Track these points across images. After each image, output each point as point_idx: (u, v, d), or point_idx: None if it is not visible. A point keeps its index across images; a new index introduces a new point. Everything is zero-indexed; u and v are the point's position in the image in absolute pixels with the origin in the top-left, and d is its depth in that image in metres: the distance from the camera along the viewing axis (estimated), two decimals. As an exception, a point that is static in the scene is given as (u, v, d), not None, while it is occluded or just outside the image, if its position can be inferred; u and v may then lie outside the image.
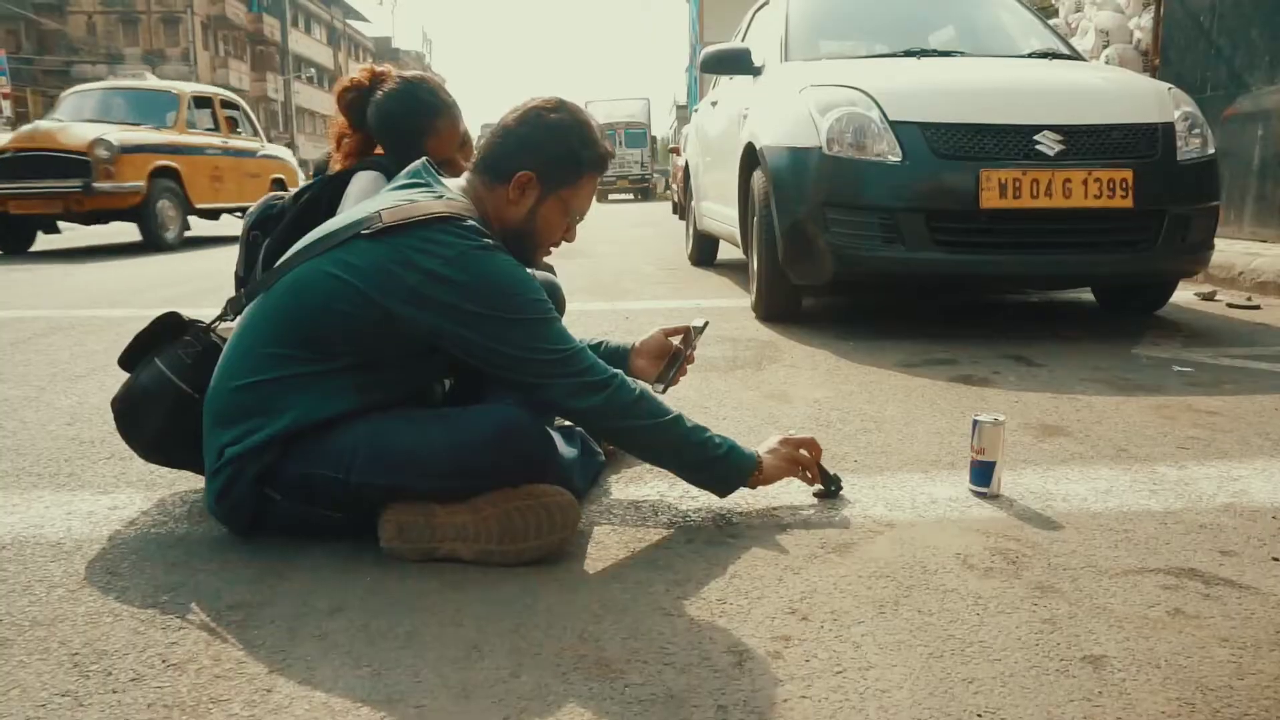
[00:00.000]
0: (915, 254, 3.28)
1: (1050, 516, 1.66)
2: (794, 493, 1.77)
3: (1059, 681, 1.12)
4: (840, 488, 1.77)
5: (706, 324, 1.95)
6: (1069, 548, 1.53)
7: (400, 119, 2.09)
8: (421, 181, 1.59)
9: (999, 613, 1.30)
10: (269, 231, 2.11)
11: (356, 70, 2.24)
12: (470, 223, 1.49)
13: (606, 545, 1.56)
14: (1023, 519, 1.66)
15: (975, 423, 1.75)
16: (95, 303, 5.02)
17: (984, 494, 1.76)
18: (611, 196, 31.45)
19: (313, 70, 56.96)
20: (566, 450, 1.71)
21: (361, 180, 2.06)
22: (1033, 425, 2.27)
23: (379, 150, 2.18)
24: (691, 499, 1.76)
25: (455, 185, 1.61)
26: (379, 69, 2.22)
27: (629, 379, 1.55)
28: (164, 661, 1.19)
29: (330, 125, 2.32)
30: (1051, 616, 1.29)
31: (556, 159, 1.59)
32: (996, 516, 1.67)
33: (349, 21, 65.72)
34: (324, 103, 61.39)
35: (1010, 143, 3.22)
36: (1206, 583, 1.40)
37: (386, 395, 1.54)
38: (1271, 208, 5.42)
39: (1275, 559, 1.48)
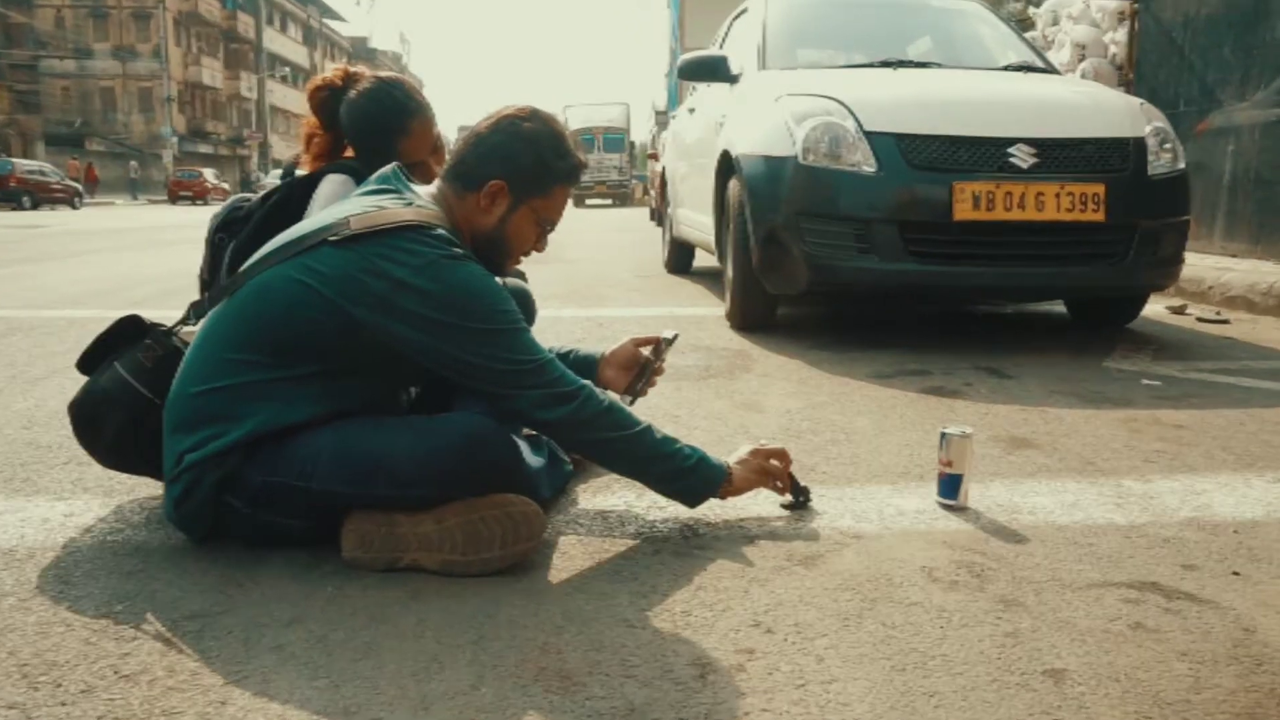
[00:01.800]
0: (889, 265, 3.31)
1: (1016, 529, 1.68)
2: (762, 504, 1.78)
3: (1019, 695, 1.13)
4: (809, 499, 1.78)
5: (676, 335, 1.95)
6: (1034, 561, 1.54)
7: (373, 118, 2.08)
8: (391, 188, 1.58)
9: (962, 626, 1.31)
10: (235, 233, 2.09)
11: (330, 69, 2.23)
12: (440, 231, 1.49)
13: (572, 555, 1.56)
14: (989, 532, 1.67)
15: (943, 435, 1.77)
16: (58, 303, 4.96)
17: (951, 506, 1.78)
18: (589, 201, 31.48)
19: (287, 69, 56.58)
20: (533, 459, 1.71)
21: (330, 183, 2.05)
22: (1002, 437, 2.30)
23: (349, 153, 2.18)
24: (659, 509, 1.76)
25: (425, 192, 1.60)
26: (353, 69, 2.21)
27: (598, 390, 1.55)
28: (116, 673, 1.18)
29: (301, 125, 2.31)
30: (1014, 630, 1.30)
31: (528, 168, 1.59)
32: (963, 529, 1.69)
33: (325, 20, 65.39)
34: (298, 102, 60.94)
35: (984, 155, 3.26)
36: (1168, 597, 1.42)
37: (351, 403, 1.54)
38: (1241, 222, 5.52)
39: (1235, 573, 1.51)
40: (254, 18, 52.18)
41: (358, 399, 1.55)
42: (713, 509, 1.73)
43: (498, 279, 1.54)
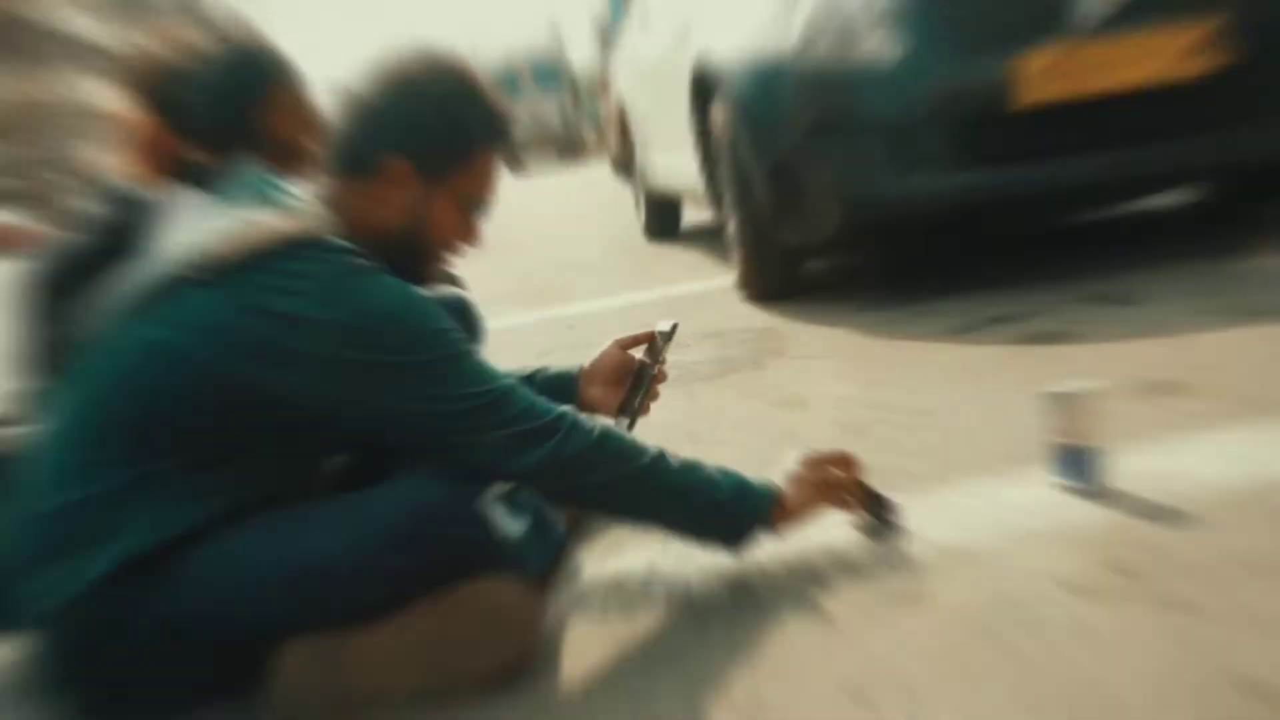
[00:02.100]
0: (943, 178, 3.33)
1: (1172, 506, 1.70)
2: (831, 531, 1.78)
3: (1215, 727, 1.14)
4: (894, 514, 1.79)
5: (676, 326, 1.96)
6: (1201, 544, 1.56)
7: (221, 91, 2.09)
8: (258, 191, 1.59)
9: (1123, 647, 1.32)
10: (62, 291, 2.09)
11: (151, 40, 2.24)
12: (331, 240, 1.49)
13: (587, 646, 1.57)
14: (1137, 515, 1.69)
15: (1053, 396, 1.78)
16: None
17: (1081, 489, 1.79)
18: (529, 165, 31.49)
19: (96, 56, 56.55)
20: (511, 526, 1.71)
21: (175, 202, 2.05)
22: (1136, 384, 2.31)
23: (191, 156, 2.18)
24: (693, 561, 1.77)
25: (304, 191, 1.61)
26: (183, 35, 2.21)
27: (583, 416, 1.56)
28: None
29: (118, 123, 2.30)
30: (1192, 639, 1.31)
31: (436, 136, 1.60)
32: (1101, 518, 1.70)
33: (132, -19, 65.34)
34: (117, 98, 60.75)
35: (1044, 11, 3.27)
36: (1391, 561, 1.43)
37: (255, 492, 1.54)
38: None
39: None
40: (35, -6, 52.17)
41: (263, 486, 1.55)
42: (766, 549, 1.73)
43: (423, 290, 1.55)
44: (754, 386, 2.85)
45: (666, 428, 2.50)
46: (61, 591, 1.44)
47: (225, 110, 2.08)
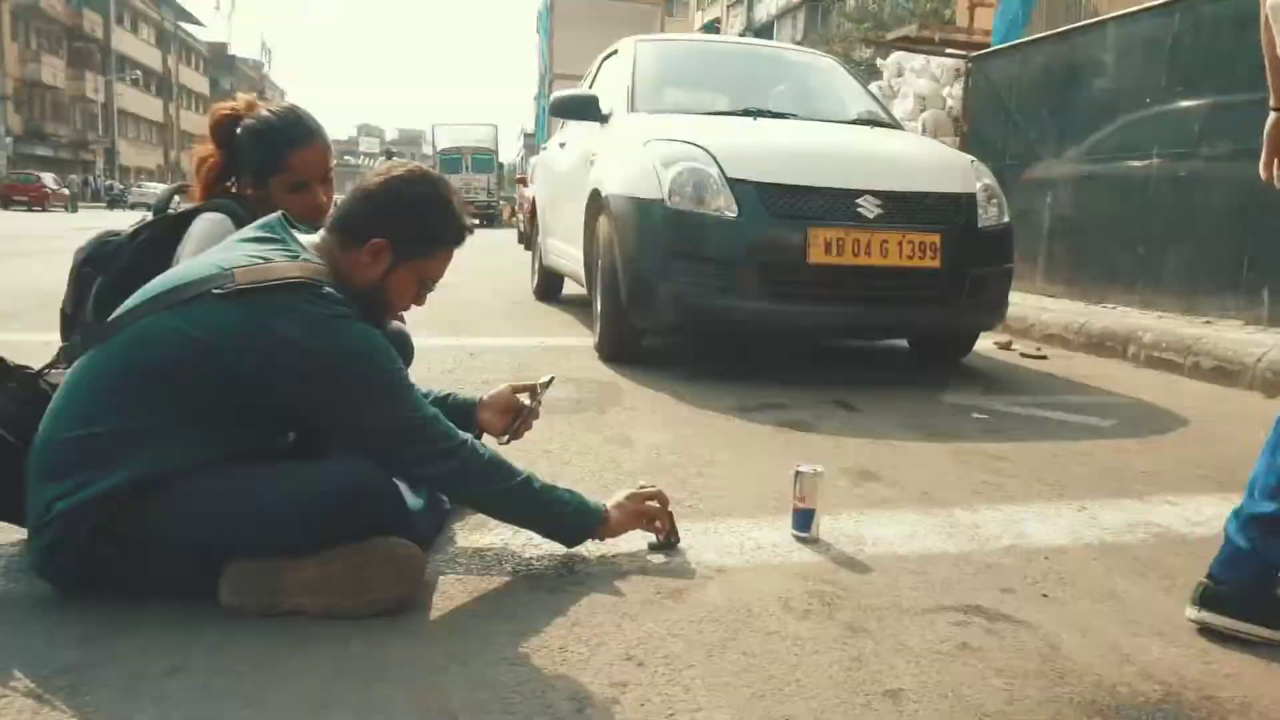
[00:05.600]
0: (748, 303, 3.49)
1: (862, 560, 1.83)
2: (633, 539, 1.86)
3: (863, 716, 1.26)
4: (677, 539, 1.87)
5: (552, 379, 2.03)
6: (876, 589, 1.69)
7: (274, 128, 2.08)
8: (276, 236, 1.59)
9: (814, 653, 1.43)
10: (101, 269, 2.03)
11: (231, 99, 2.22)
12: (327, 289, 1.50)
13: (452, 595, 1.61)
14: (837, 563, 1.82)
15: (797, 473, 1.91)
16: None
17: (804, 539, 1.91)
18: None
19: (138, 72, 53.42)
20: (413, 500, 1.74)
21: (204, 222, 2.01)
22: (850, 470, 2.47)
23: (238, 186, 2.14)
24: (535, 546, 1.82)
25: (309, 243, 1.61)
26: (258, 101, 2.21)
27: (479, 443, 1.61)
28: (-15, 733, 1.15)
29: (194, 154, 2.26)
30: (859, 654, 1.43)
31: (412, 232, 1.63)
32: (814, 561, 1.83)
33: (181, 24, 62.12)
34: (150, 107, 57.62)
35: (835, 204, 3.49)
36: (989, 619, 1.59)
37: (232, 449, 1.53)
38: (1058, 266, 6.06)
39: (1045, 595, 1.70)
40: (101, 16, 49.11)
41: (238, 445, 1.54)
42: (587, 545, 1.80)
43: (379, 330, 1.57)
44: (595, 424, 2.92)
45: (531, 445, 2.55)
46: (73, 499, 1.41)
47: (273, 140, 2.06)
